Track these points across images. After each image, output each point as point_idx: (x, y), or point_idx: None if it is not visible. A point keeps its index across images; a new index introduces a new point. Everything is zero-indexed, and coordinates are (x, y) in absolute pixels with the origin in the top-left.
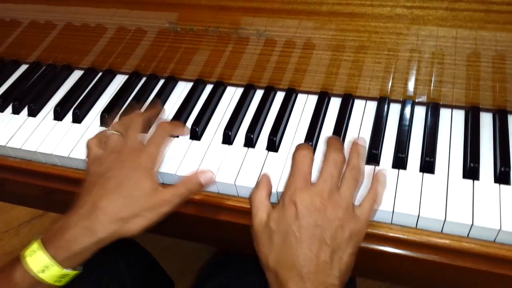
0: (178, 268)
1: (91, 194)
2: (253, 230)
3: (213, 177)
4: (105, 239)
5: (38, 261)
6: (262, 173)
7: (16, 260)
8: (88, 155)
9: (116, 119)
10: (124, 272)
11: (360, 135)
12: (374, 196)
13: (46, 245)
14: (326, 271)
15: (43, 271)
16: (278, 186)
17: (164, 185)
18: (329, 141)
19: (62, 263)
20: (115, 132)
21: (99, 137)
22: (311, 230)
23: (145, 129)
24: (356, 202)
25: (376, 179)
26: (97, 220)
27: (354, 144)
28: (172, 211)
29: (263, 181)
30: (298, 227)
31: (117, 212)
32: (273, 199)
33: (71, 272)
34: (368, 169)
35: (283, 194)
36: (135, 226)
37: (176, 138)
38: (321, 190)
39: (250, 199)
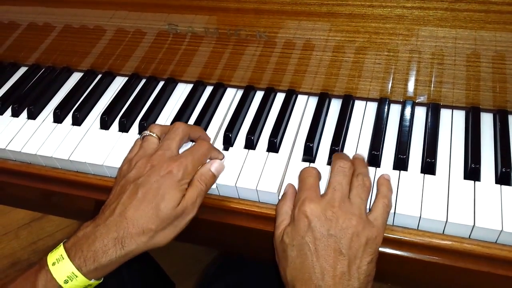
0: (178, 270)
1: (120, 202)
2: (274, 243)
3: (223, 164)
4: (133, 251)
5: (63, 270)
6: (287, 182)
7: (41, 267)
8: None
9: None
10: (124, 273)
11: (360, 137)
12: (384, 199)
13: (71, 253)
14: (344, 283)
15: (66, 281)
16: (279, 187)
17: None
18: (335, 155)
19: (87, 274)
20: (152, 134)
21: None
22: (325, 240)
23: (182, 141)
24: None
25: (381, 182)
26: (127, 232)
27: (356, 155)
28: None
29: (290, 192)
30: (311, 238)
31: (146, 224)
32: (275, 201)
33: (94, 283)
34: (370, 171)
35: (293, 208)
36: (164, 237)
37: None
38: (330, 199)
39: (276, 209)
